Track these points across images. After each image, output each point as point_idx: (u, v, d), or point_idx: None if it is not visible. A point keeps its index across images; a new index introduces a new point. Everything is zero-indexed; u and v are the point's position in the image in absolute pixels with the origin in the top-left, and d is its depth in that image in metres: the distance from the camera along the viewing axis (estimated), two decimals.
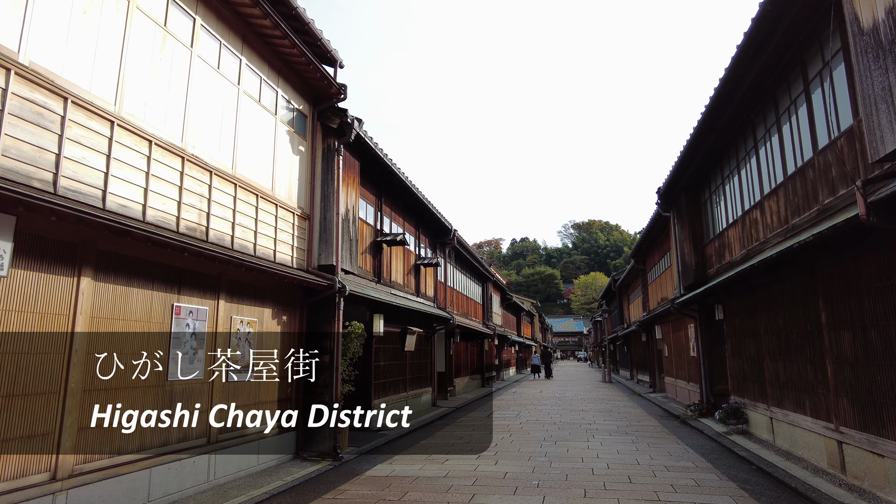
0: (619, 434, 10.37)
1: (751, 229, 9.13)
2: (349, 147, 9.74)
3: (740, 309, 9.93)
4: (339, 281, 8.55)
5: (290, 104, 8.59)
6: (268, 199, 7.77)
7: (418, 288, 14.71)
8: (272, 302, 7.93)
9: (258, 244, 7.45)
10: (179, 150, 6.07)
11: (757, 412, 9.13)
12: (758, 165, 8.71)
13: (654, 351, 20.53)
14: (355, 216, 9.87)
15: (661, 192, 13.32)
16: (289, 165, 8.46)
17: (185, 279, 6.23)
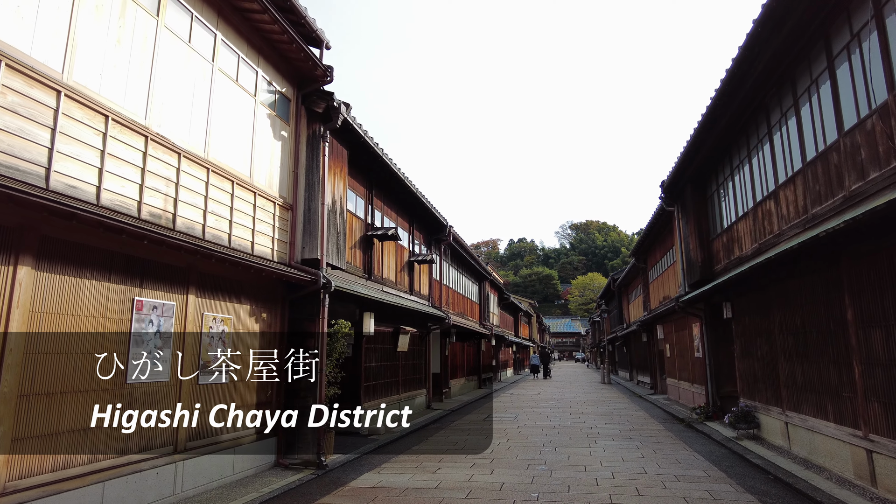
0: (623, 439, 9.81)
1: (763, 222, 8.58)
2: (336, 134, 9.16)
3: (751, 306, 9.38)
4: (324, 276, 7.97)
5: (271, 86, 8.01)
6: (245, 187, 7.19)
7: (412, 286, 14.13)
8: (250, 298, 7.34)
9: (233, 235, 6.87)
10: (142, 128, 5.48)
11: (770, 416, 8.57)
12: (772, 153, 8.15)
13: (656, 351, 19.98)
14: (343, 208, 9.29)
15: (665, 186, 12.77)
16: (270, 151, 7.88)
17: (149, 271, 5.64)
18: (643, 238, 18.28)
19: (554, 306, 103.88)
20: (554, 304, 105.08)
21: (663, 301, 17.50)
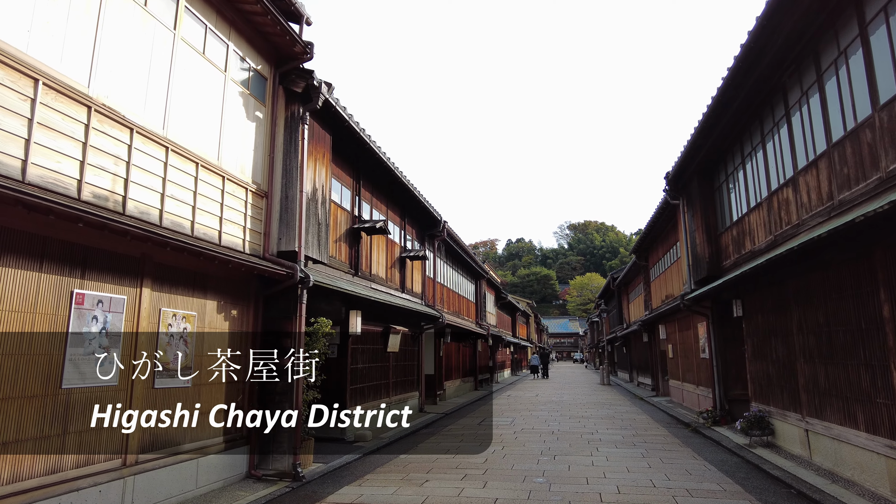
0: (627, 446, 9.14)
1: (780, 212, 7.92)
2: (318, 117, 8.49)
3: (765, 304, 8.72)
4: (302, 270, 7.29)
5: (245, 62, 7.33)
6: (212, 171, 6.51)
7: (403, 283, 13.45)
8: (218, 293, 6.66)
9: (197, 222, 6.18)
10: (83, 96, 4.80)
11: (786, 423, 7.91)
12: (790, 136, 7.50)
13: (657, 352, 19.32)
14: (325, 197, 8.60)
15: (670, 177, 12.11)
16: (242, 133, 7.20)
17: (93, 261, 4.96)
18: (645, 234, 17.62)
19: (552, 306, 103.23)
20: (552, 304, 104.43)
21: (666, 300, 16.84)
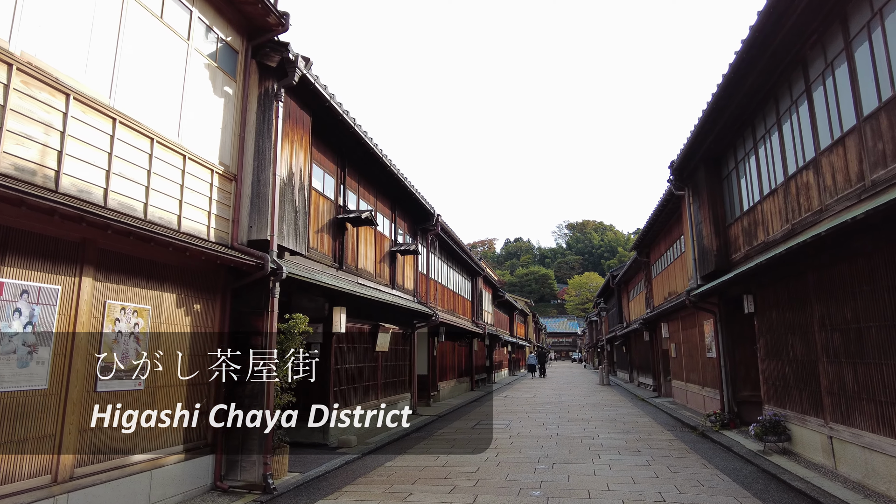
0: (631, 453, 8.47)
1: (798, 197, 7.26)
2: (297, 96, 7.80)
3: (781, 299, 8.05)
4: (274, 260, 6.60)
5: (212, 32, 6.65)
6: (170, 148, 5.82)
7: (394, 279, 12.77)
8: (177, 285, 5.97)
9: (152, 205, 5.50)
10: (3, 52, 4.12)
11: (806, 428, 7.25)
12: (811, 114, 6.83)
13: (660, 351, 18.67)
14: (304, 182, 7.92)
15: (675, 166, 11.45)
16: (208, 110, 6.51)
17: (15, 244, 4.28)
18: (647, 229, 16.96)
19: (550, 306, 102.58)
20: (550, 303, 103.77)
21: (668, 297, 16.19)
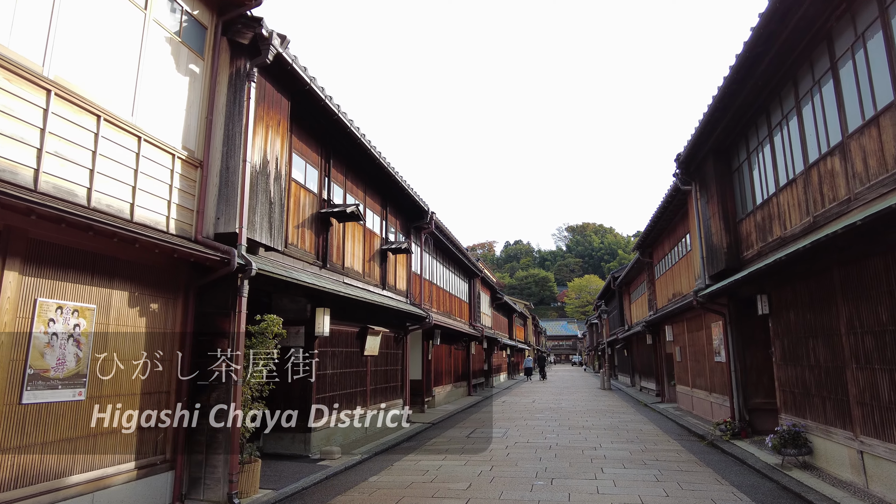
0: (636, 465, 7.80)
1: (821, 187, 6.62)
2: (274, 78, 7.17)
3: (800, 299, 7.41)
4: (242, 255, 5.96)
5: (175, 3, 6.02)
6: (121, 128, 5.18)
7: (384, 279, 12.11)
8: (131, 282, 5.32)
9: (97, 191, 4.86)
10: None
11: (831, 441, 6.59)
12: (836, 93, 6.20)
13: (663, 355, 18.00)
14: (281, 172, 7.28)
15: (682, 159, 10.81)
16: (170, 89, 5.88)
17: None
18: (650, 228, 16.31)
19: (550, 309, 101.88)
20: (550, 306, 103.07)
21: (673, 298, 15.54)
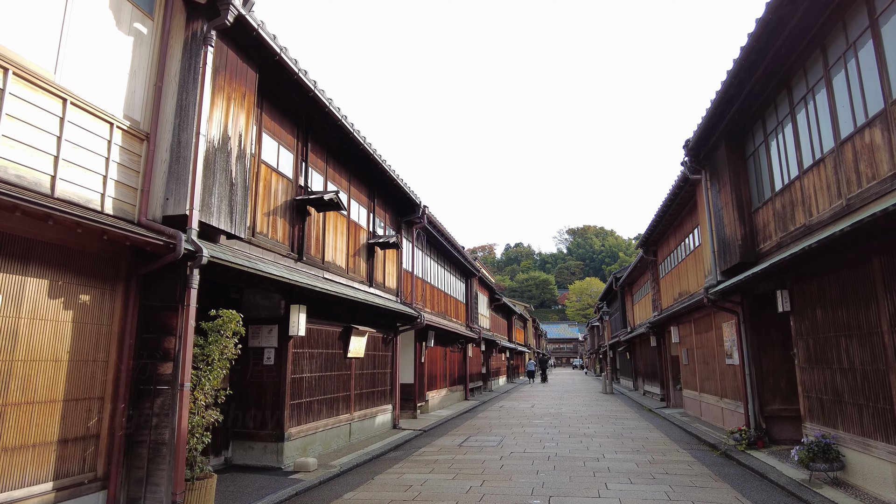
0: (644, 480, 6.99)
1: (858, 164, 5.82)
2: (238, 46, 6.40)
3: (829, 293, 6.60)
4: (191, 240, 5.16)
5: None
6: (40, 87, 4.40)
7: (372, 276, 11.31)
8: (52, 268, 4.53)
9: (8, 160, 4.07)
10: None
11: (869, 455, 5.77)
12: (877, 54, 5.40)
13: (668, 357, 17.17)
14: (246, 151, 6.49)
15: (691, 146, 10.01)
16: (108, 50, 5.10)
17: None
18: (654, 223, 15.49)
19: (551, 311, 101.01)
20: (551, 309, 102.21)
21: (679, 297, 14.72)
